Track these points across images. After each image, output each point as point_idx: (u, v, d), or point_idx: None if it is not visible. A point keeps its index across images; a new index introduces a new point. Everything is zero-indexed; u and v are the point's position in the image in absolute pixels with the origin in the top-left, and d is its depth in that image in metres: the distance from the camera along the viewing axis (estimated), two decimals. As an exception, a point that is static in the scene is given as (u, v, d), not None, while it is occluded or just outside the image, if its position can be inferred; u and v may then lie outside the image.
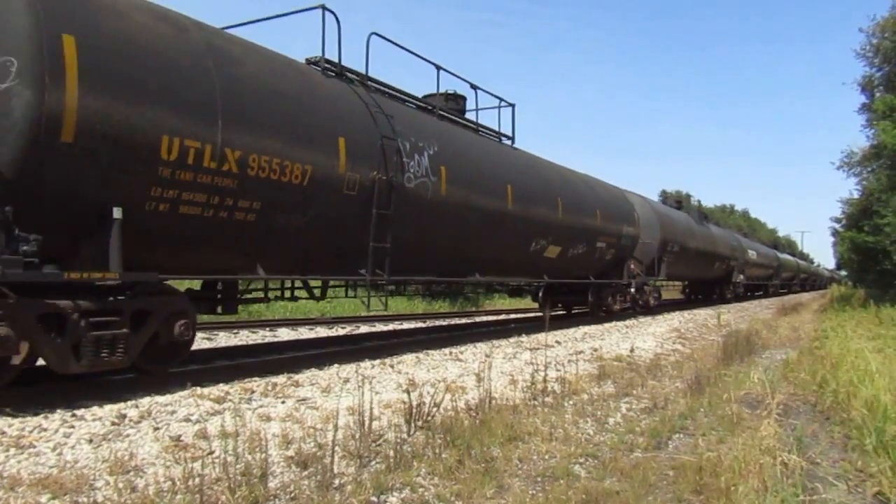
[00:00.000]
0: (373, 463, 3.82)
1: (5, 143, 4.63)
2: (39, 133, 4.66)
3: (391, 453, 3.83)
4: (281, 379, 6.39)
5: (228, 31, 7.21)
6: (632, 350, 9.49)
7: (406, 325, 14.47)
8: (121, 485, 3.28)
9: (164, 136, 5.35)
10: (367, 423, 4.10)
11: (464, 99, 11.09)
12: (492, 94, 11.64)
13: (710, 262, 24.52)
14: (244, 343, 10.38)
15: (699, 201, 55.93)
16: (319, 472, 3.45)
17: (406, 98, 9.49)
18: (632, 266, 16.19)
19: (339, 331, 12.88)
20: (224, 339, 10.89)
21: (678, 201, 25.52)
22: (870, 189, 23.24)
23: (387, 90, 9.00)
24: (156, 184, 5.39)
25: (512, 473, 3.78)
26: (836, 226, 38.51)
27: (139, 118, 5.21)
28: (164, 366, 6.26)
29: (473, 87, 11.11)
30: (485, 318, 16.97)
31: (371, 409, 4.22)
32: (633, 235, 15.80)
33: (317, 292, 8.70)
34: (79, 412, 4.78)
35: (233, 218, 6.11)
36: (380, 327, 13.98)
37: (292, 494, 3.28)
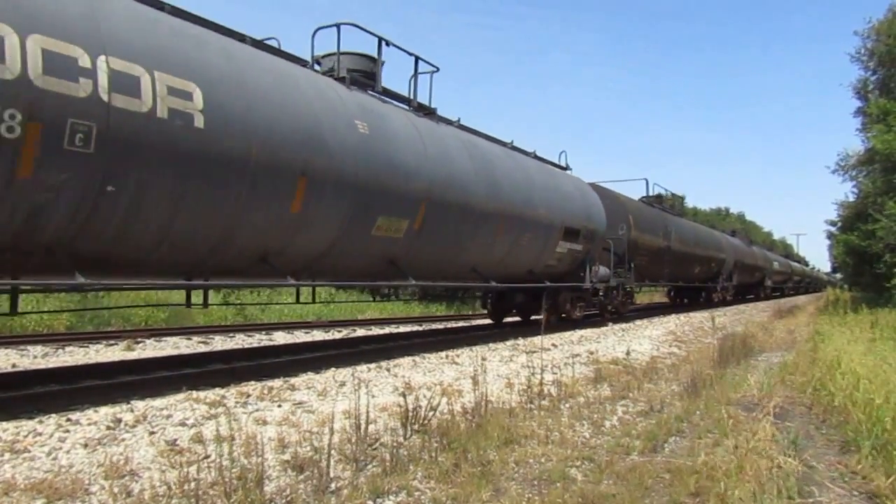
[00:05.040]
0: (369, 466, 3.81)
1: (623, 247, 16.21)
2: (627, 246, 16.52)
3: (387, 457, 3.82)
4: (277, 382, 6.39)
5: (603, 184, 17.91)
6: (628, 353, 9.50)
7: (402, 329, 14.46)
8: (116, 489, 3.27)
9: (645, 241, 17.84)
10: (363, 426, 4.09)
11: (662, 196, 22.29)
12: (668, 190, 23.74)
13: (754, 272, 36.03)
14: (240, 347, 10.36)
15: (695, 206, 62.98)
16: (315, 476, 3.45)
17: (662, 208, 21.21)
18: (722, 276, 27.53)
19: (336, 334, 12.87)
20: (220, 343, 10.87)
21: (733, 231, 37.01)
22: (865, 192, 23.33)
23: (658, 206, 20.94)
24: (641, 255, 17.59)
25: (508, 477, 3.77)
26: (832, 228, 38.58)
27: (643, 238, 17.68)
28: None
29: (673, 194, 24.41)
30: (481, 322, 16.96)
31: (367, 412, 4.21)
32: (723, 258, 27.52)
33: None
34: (74, 416, 4.77)
35: (643, 262, 17.52)
36: (376, 331, 13.98)
37: (288, 498, 3.28)
